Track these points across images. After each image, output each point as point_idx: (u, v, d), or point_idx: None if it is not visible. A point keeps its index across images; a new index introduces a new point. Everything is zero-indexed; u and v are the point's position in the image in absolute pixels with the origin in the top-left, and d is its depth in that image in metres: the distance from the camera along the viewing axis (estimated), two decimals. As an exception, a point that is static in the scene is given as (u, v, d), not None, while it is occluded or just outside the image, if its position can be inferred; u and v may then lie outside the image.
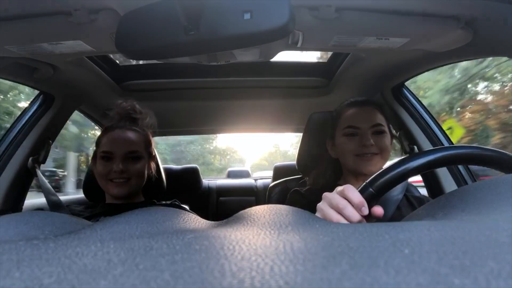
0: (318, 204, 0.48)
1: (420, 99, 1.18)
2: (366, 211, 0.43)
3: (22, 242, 0.20)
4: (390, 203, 0.79)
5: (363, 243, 0.19)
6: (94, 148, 0.93)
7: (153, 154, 0.97)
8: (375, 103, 0.86)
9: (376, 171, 0.79)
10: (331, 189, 0.50)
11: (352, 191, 0.45)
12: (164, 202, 0.98)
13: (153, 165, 0.98)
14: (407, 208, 0.82)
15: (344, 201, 0.44)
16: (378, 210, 0.45)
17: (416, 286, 0.13)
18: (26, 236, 0.27)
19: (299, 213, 0.30)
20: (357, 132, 0.81)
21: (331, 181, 0.89)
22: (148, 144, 0.94)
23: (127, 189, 0.87)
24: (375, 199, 0.45)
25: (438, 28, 0.67)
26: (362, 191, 0.45)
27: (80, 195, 1.39)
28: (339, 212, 0.44)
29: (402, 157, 0.46)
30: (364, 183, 0.46)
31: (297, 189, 0.90)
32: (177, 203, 0.99)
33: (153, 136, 0.99)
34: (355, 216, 0.43)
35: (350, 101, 0.88)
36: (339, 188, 0.47)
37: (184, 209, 0.97)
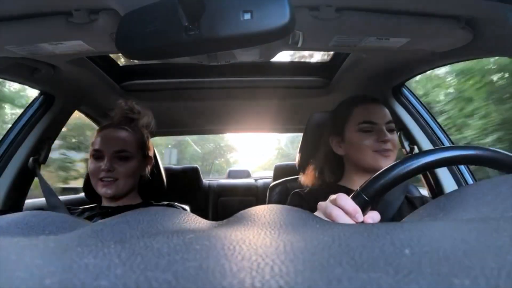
0: (313, 214, 0.48)
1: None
2: (360, 218, 0.43)
3: (22, 242, 0.20)
4: (391, 205, 0.79)
5: (363, 243, 0.19)
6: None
7: (149, 155, 0.95)
8: (380, 100, 0.87)
9: None
10: (331, 190, 0.50)
11: (345, 199, 0.44)
12: (162, 203, 0.97)
13: (148, 166, 0.95)
14: (409, 209, 0.81)
15: (337, 210, 0.44)
16: (374, 216, 0.45)
17: (416, 286, 0.13)
18: (26, 236, 0.27)
19: (299, 213, 0.30)
20: (373, 128, 0.80)
21: (332, 181, 0.88)
22: (141, 145, 0.92)
23: (114, 190, 0.85)
24: (369, 205, 0.45)
25: (438, 28, 0.67)
26: (354, 198, 0.45)
27: (80, 195, 1.40)
28: (333, 221, 0.44)
29: (397, 161, 0.46)
30: (357, 190, 0.46)
31: (298, 191, 0.89)
32: (172, 204, 0.98)
33: (152, 136, 0.98)
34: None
35: (358, 96, 0.88)
36: (332, 197, 0.46)
37: (184, 210, 0.97)
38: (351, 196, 0.45)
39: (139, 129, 0.93)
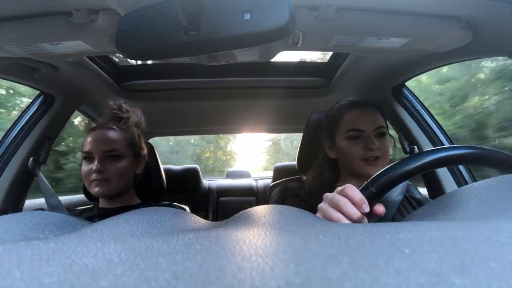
0: (319, 204, 0.48)
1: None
2: (366, 208, 0.43)
3: (22, 242, 0.20)
4: (391, 204, 0.79)
5: (363, 243, 0.18)
6: None
7: (141, 153, 0.93)
8: (374, 103, 0.85)
9: None
10: (329, 191, 0.50)
11: (352, 189, 0.45)
12: (162, 203, 0.97)
13: (141, 165, 0.94)
14: (408, 209, 0.81)
15: (344, 199, 0.45)
16: (380, 208, 0.45)
17: (416, 286, 0.13)
18: (26, 236, 0.28)
19: (299, 213, 0.30)
20: (361, 135, 0.79)
21: (330, 181, 0.88)
22: (132, 143, 0.90)
23: (107, 189, 0.84)
24: (376, 198, 0.45)
25: (438, 28, 0.67)
26: (363, 190, 0.46)
27: (79, 196, 1.39)
28: (339, 210, 0.44)
29: (404, 157, 0.46)
30: (365, 183, 0.46)
31: (296, 192, 0.89)
32: (172, 204, 0.98)
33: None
34: (355, 213, 0.43)
35: (349, 101, 0.86)
36: (339, 188, 0.47)
37: (184, 209, 0.97)
38: (360, 188, 0.46)
39: (129, 127, 0.92)
